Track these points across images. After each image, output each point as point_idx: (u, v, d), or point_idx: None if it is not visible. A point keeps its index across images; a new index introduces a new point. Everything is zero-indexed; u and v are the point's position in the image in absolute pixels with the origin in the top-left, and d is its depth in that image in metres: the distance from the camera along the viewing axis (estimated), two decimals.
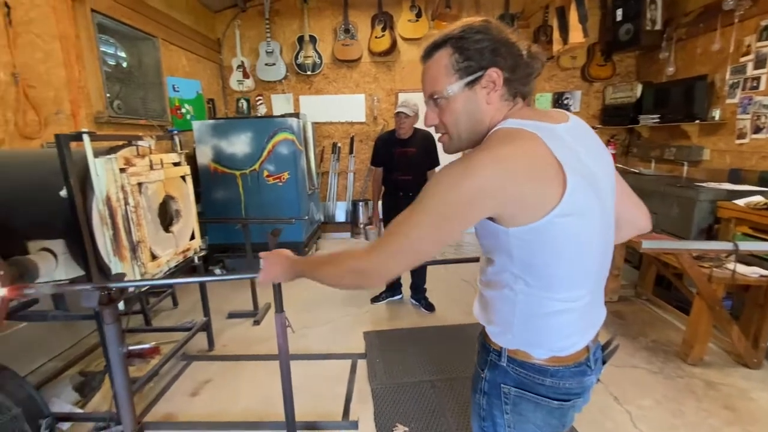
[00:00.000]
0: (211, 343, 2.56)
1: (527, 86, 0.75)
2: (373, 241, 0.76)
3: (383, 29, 4.70)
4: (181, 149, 2.20)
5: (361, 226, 5.13)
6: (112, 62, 3.17)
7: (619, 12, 4.34)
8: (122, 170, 1.62)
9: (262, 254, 0.99)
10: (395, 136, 2.86)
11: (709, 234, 2.93)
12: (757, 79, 3.30)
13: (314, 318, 2.98)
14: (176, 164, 2.07)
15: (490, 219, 0.70)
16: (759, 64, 3.28)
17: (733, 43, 3.51)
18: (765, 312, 2.15)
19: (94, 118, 2.81)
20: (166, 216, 2.03)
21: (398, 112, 2.73)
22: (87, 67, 2.75)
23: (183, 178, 2.11)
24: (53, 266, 1.57)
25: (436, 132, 0.82)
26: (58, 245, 1.59)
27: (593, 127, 0.98)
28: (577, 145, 0.71)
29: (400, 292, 3.23)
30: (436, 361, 2.33)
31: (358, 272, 0.75)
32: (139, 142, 1.81)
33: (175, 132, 2.33)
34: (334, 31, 4.86)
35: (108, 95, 2.96)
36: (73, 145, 1.49)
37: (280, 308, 1.49)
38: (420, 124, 2.91)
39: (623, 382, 2.09)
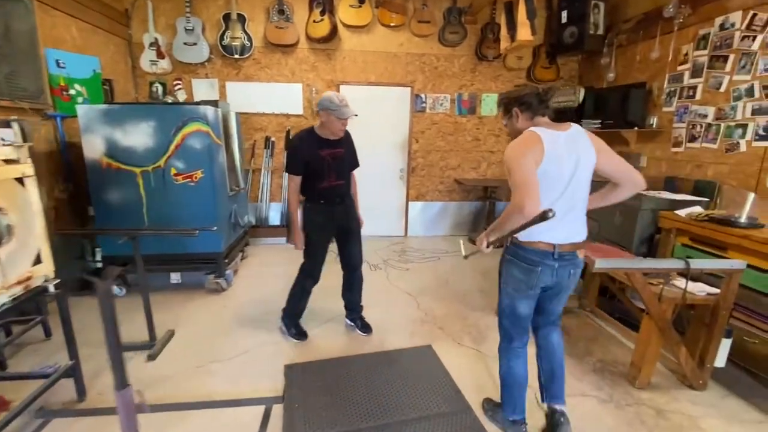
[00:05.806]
0: (81, 392, 1.98)
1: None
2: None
3: (322, 13, 4.23)
4: (25, 140, 1.63)
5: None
6: None
7: (564, 14, 4.26)
8: None
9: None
10: (319, 136, 2.36)
11: (651, 245, 2.87)
12: (694, 88, 3.32)
13: (228, 345, 2.49)
14: (9, 162, 1.50)
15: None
16: (695, 73, 3.30)
17: (671, 52, 3.53)
18: (711, 332, 2.05)
19: None
20: None
21: (345, 116, 2.24)
22: None
23: (20, 180, 1.54)
24: None
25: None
26: None
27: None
28: (565, 145, 1.47)
29: (306, 337, 2.63)
30: (369, 400, 1.97)
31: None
32: None
33: (57, 116, 1.74)
34: (266, 11, 4.31)
35: None
36: None
37: (121, 384, 1.00)
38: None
39: (576, 414, 1.86)
